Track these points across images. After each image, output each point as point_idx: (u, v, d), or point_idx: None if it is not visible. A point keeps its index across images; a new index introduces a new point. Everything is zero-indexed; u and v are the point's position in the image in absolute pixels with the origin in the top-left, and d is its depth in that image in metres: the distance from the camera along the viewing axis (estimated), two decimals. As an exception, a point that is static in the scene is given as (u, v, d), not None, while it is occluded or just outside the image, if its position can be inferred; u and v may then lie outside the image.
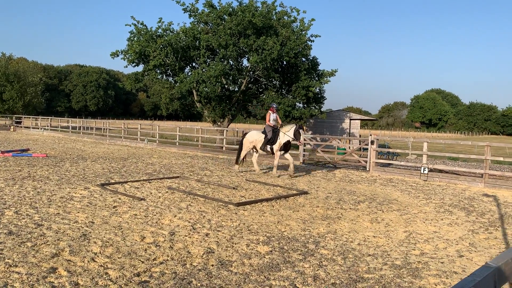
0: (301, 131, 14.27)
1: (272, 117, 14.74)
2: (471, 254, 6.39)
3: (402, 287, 4.95)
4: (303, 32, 27.90)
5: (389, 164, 17.67)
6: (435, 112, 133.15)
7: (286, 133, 14.11)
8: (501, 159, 15.13)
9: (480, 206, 10.25)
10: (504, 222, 8.72)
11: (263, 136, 14.59)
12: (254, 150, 15.13)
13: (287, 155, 14.57)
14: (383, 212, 9.16)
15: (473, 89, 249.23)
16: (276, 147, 14.30)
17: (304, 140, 16.33)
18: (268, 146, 14.43)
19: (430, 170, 15.10)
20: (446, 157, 24.58)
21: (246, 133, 15.42)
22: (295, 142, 14.53)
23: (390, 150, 20.37)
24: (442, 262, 5.91)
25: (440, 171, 16.64)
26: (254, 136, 14.91)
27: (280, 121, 15.01)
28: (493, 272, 1.43)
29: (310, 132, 29.95)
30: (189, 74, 28.41)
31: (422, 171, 14.69)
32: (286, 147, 14.38)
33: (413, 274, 5.37)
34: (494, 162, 22.25)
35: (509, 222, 8.69)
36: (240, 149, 15.16)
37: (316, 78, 29.34)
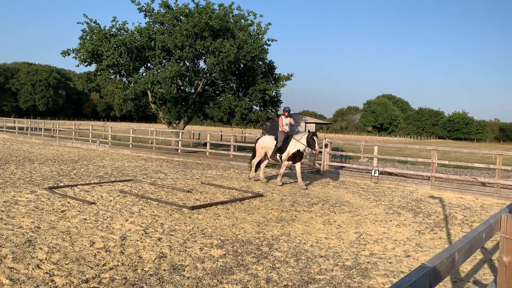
0: (315, 138, 12.84)
1: (284, 121, 13.56)
2: (417, 254, 6.66)
3: (352, 287, 5.08)
4: (260, 36, 28.12)
5: (342, 166, 18.11)
6: (386, 116, 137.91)
7: (299, 141, 12.96)
8: (447, 162, 15.90)
9: (427, 208, 10.71)
10: (449, 223, 9.16)
11: (275, 143, 13.50)
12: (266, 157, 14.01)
13: (297, 166, 13.34)
14: (335, 214, 9.37)
15: (422, 95, 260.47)
16: (284, 156, 13.19)
17: (320, 147, 14.36)
18: (278, 154, 13.37)
19: (381, 173, 15.61)
20: (396, 160, 25.50)
21: (258, 138, 14.44)
22: (309, 150, 13.05)
23: (343, 153, 20.90)
24: (390, 262, 6.12)
25: (390, 173, 17.24)
26: (266, 142, 13.82)
27: (293, 122, 13.78)
28: (428, 272, 1.51)
29: (266, 135, 30.17)
30: (144, 74, 27.88)
31: (373, 174, 15.15)
32: (296, 157, 13.14)
33: (363, 275, 5.53)
34: (440, 165, 23.33)
35: (453, 223, 9.13)
36: (253, 156, 14.18)
37: (273, 82, 29.67)
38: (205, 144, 24.87)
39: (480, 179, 14.44)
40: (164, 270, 5.31)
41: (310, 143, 12.75)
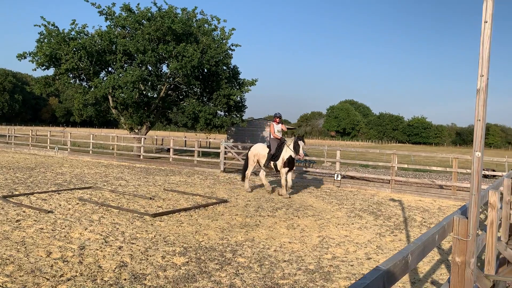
0: (300, 142, 12.22)
1: (276, 128, 13.02)
2: (378, 256, 6.80)
3: (314, 291, 5.12)
4: (224, 41, 28.13)
5: (306, 171, 18.32)
6: (348, 121, 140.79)
7: (289, 147, 12.43)
8: (406, 166, 16.38)
9: (387, 211, 10.99)
10: (408, 225, 9.43)
11: (267, 150, 12.94)
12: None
13: (289, 174, 12.68)
14: (299, 218, 9.45)
15: (383, 101, 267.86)
16: (279, 163, 12.57)
17: (304, 155, 13.52)
18: (271, 162, 12.75)
19: (343, 177, 15.90)
20: (358, 164, 26.06)
21: (251, 146, 13.90)
22: (294, 155, 12.46)
23: (307, 158, 21.15)
24: (352, 265, 6.22)
25: (352, 177, 17.59)
26: (258, 149, 13.24)
27: (285, 129, 13.32)
28: (382, 274, 1.54)
29: (231, 140, 30.16)
30: (105, 79, 27.27)
31: (335, 178, 15.41)
32: (291, 163, 12.57)
33: (325, 278, 5.59)
34: (400, 169, 24.04)
35: (412, 225, 9.40)
36: (246, 165, 13.53)
37: (237, 87, 29.71)
38: (168, 150, 24.52)
39: (437, 182, 14.96)
40: (125, 279, 5.18)
41: (294, 147, 12.28)
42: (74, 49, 25.23)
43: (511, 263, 4.87)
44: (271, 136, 13.03)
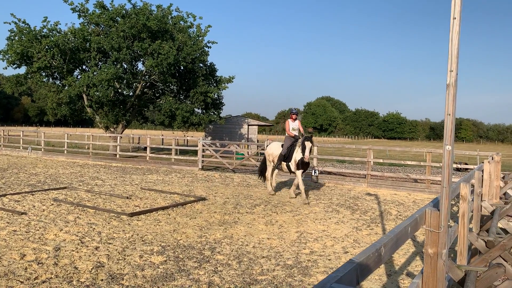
0: (307, 143, 10.98)
1: (291, 125, 11.93)
2: (355, 250, 6.91)
3: (293, 286, 5.17)
4: (200, 38, 27.94)
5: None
6: (325, 118, 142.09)
7: (300, 147, 11.38)
8: (382, 160, 16.65)
9: (364, 205, 11.15)
10: (384, 218, 9.60)
11: (281, 150, 11.96)
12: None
13: (297, 174, 11.56)
14: (277, 214, 9.50)
15: (358, 97, 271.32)
16: (293, 165, 11.49)
17: (310, 157, 11.80)
18: (284, 163, 11.73)
19: (320, 172, 16.05)
20: (335, 160, 26.34)
21: (267, 146, 13.11)
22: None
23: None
24: (329, 259, 6.30)
25: (329, 173, 17.78)
26: (272, 149, 12.30)
27: (302, 129, 12.12)
28: (355, 267, 1.57)
29: (209, 138, 30.04)
30: (79, 77, 26.77)
31: (313, 174, 15.53)
32: (304, 165, 11.38)
33: (303, 273, 5.65)
34: (375, 163, 24.40)
35: (388, 218, 9.58)
36: (264, 166, 12.79)
37: (214, 84, 29.59)
38: (145, 149, 24.25)
39: (412, 176, 15.26)
40: (102, 280, 5.11)
41: (302, 148, 11.13)
42: (46, 47, 24.66)
43: (483, 253, 5.02)
44: (286, 134, 12.09)
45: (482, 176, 7.50)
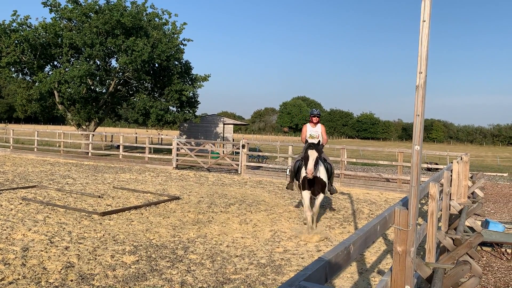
0: (310, 152, 7.54)
1: (309, 131, 8.94)
2: (327, 248, 6.98)
3: (266, 284, 5.19)
4: (175, 36, 27.72)
5: (259, 166, 18.45)
6: (301, 117, 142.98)
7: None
8: (355, 160, 16.90)
9: (337, 204, 11.29)
10: (356, 217, 9.74)
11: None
12: None
13: (318, 197, 8.12)
14: (251, 213, 9.51)
15: (333, 97, 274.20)
16: (299, 182, 8.32)
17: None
18: (296, 182, 8.66)
19: (295, 172, 16.13)
20: (310, 159, 26.53)
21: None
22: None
23: (260, 154, 21.31)
24: (302, 258, 6.35)
25: (304, 172, 17.89)
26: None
27: (325, 138, 8.98)
28: (324, 265, 1.59)
29: (184, 137, 29.82)
30: (50, 73, 26.11)
31: (287, 173, 15.61)
32: (311, 184, 7.96)
33: (277, 271, 5.67)
34: (349, 163, 24.74)
35: (360, 217, 9.73)
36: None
37: (190, 82, 29.39)
38: (118, 147, 23.85)
39: (384, 176, 15.55)
40: (72, 280, 5.01)
41: (304, 159, 7.79)
42: (15, 41, 24.01)
43: (450, 251, 5.16)
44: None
45: (451, 176, 7.70)
